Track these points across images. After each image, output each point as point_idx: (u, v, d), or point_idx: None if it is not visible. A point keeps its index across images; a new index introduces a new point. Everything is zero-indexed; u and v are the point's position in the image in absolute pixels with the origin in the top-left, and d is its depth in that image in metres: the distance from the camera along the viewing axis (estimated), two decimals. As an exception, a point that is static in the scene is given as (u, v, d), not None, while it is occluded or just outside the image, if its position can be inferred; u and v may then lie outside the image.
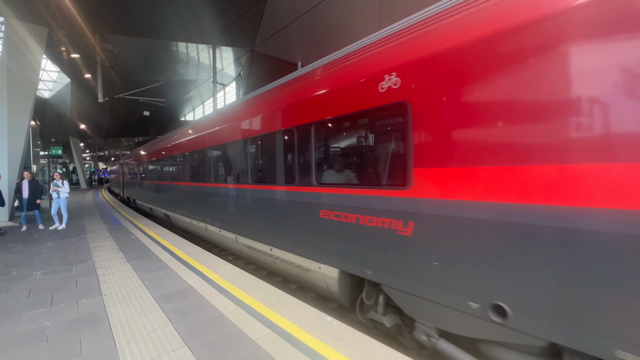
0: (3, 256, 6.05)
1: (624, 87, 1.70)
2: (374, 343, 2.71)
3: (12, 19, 10.02)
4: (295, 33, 14.18)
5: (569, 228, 1.85)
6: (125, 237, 7.54)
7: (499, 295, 2.16)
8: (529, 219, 2.00)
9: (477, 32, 2.31)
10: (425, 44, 2.71)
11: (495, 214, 2.17)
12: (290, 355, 2.56)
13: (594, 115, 1.80)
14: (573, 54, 1.87)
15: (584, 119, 1.83)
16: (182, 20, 12.90)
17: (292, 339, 2.81)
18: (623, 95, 1.70)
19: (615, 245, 1.70)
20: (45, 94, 26.09)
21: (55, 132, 32.46)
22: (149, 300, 3.75)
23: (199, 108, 32.15)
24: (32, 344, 2.81)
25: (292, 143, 4.17)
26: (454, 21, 2.54)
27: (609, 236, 1.72)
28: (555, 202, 1.91)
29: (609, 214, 1.73)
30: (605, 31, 1.74)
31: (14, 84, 10.31)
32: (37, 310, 3.55)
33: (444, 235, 2.46)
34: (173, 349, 2.67)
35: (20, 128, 10.56)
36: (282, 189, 4.47)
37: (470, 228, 2.31)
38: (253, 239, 5.26)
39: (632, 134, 1.67)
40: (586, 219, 1.80)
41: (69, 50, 14.75)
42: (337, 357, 2.52)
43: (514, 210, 2.08)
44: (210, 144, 6.77)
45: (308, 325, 3.04)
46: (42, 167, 25.28)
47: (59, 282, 4.46)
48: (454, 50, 2.45)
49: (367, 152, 3.38)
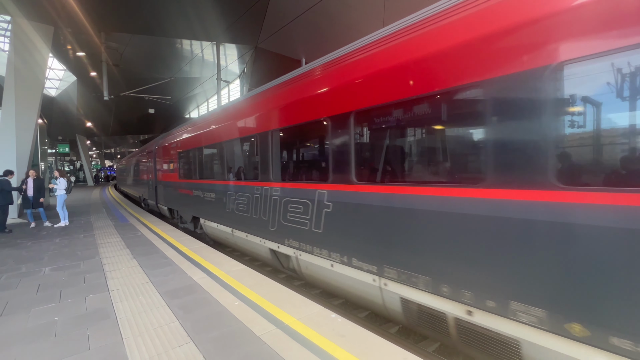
0: (13, 252, 6.16)
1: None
2: (378, 339, 2.72)
3: (20, 18, 10.11)
4: (299, 29, 14.10)
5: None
6: (132, 234, 7.63)
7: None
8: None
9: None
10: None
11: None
12: (295, 351, 2.57)
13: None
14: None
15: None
16: (186, 18, 12.91)
17: (297, 335, 2.82)
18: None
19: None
20: (52, 92, 26.37)
21: (62, 130, 32.88)
22: (155, 296, 3.79)
23: (203, 105, 32.27)
24: (41, 338, 2.86)
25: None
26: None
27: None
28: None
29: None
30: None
31: (21, 82, 10.43)
32: (46, 305, 3.61)
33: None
34: (179, 344, 2.70)
35: (28, 126, 10.69)
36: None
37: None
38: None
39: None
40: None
41: (75, 49, 14.88)
42: (341, 353, 2.53)
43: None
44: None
45: (312, 322, 3.05)
46: (50, 165, 25.62)
47: (67, 278, 4.53)
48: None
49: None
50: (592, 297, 1.92)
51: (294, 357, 2.48)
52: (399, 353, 2.51)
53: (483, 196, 2.42)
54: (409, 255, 2.95)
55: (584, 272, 1.94)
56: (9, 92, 10.28)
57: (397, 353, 2.51)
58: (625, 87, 1.87)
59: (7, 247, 6.59)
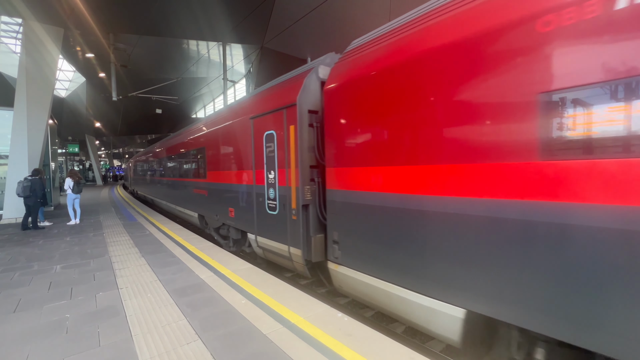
0: (25, 250, 6.29)
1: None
2: (385, 339, 2.71)
3: (31, 20, 10.31)
4: (304, 29, 14.11)
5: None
6: (140, 233, 7.73)
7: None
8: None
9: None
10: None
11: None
12: (302, 350, 2.58)
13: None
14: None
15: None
16: (193, 18, 13.02)
17: (303, 334, 2.83)
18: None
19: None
20: (62, 93, 26.81)
21: (72, 130, 33.47)
22: (163, 294, 3.84)
23: (209, 105, 32.51)
24: (53, 335, 2.92)
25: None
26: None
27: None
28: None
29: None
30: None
31: (32, 83, 10.62)
32: (58, 302, 3.68)
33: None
34: (187, 342, 2.73)
35: (40, 126, 10.88)
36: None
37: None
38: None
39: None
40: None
41: (84, 50, 15.11)
42: (348, 352, 2.53)
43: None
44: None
45: (319, 321, 3.06)
46: (60, 165, 26.08)
47: (77, 276, 4.61)
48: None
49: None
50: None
51: (300, 355, 2.49)
52: (405, 353, 2.50)
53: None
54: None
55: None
56: (21, 93, 10.48)
57: (403, 353, 2.50)
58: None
59: (20, 245, 6.73)
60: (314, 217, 4.37)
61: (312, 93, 4.38)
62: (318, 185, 4.38)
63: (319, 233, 4.38)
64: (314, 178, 4.38)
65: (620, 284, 1.82)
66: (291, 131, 4.42)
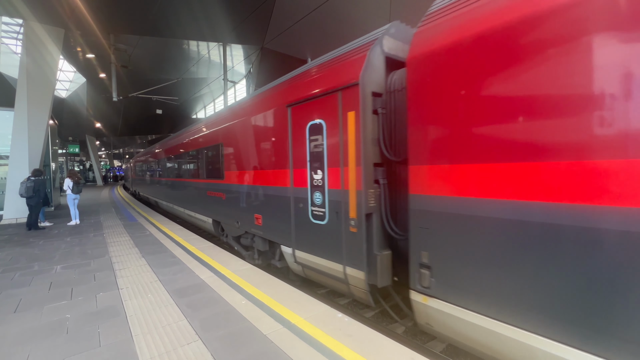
0: (25, 250, 6.29)
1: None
2: (385, 340, 2.71)
3: (32, 21, 10.33)
4: (305, 29, 14.12)
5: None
6: (140, 233, 7.73)
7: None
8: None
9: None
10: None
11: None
12: (302, 350, 2.58)
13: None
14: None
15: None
16: (194, 19, 13.02)
17: (303, 334, 2.83)
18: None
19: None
20: (62, 93, 26.84)
21: (72, 131, 33.48)
22: (163, 294, 3.84)
23: (210, 105, 32.53)
24: (53, 335, 2.92)
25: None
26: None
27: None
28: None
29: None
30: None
31: (33, 84, 10.64)
32: (58, 302, 3.69)
33: None
34: (187, 342, 2.73)
35: (40, 127, 10.90)
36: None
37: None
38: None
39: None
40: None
41: (85, 51, 15.12)
42: (348, 353, 2.53)
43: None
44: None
45: (319, 321, 3.06)
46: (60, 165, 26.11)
47: (78, 276, 4.62)
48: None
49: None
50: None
51: (301, 356, 2.50)
52: (406, 353, 2.50)
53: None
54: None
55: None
56: (22, 93, 10.50)
57: (404, 353, 2.50)
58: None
59: (20, 246, 6.73)
60: (378, 229, 3.49)
61: (377, 71, 3.50)
62: (383, 188, 3.51)
63: (385, 250, 3.54)
64: (378, 179, 3.49)
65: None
66: (350, 119, 3.51)
